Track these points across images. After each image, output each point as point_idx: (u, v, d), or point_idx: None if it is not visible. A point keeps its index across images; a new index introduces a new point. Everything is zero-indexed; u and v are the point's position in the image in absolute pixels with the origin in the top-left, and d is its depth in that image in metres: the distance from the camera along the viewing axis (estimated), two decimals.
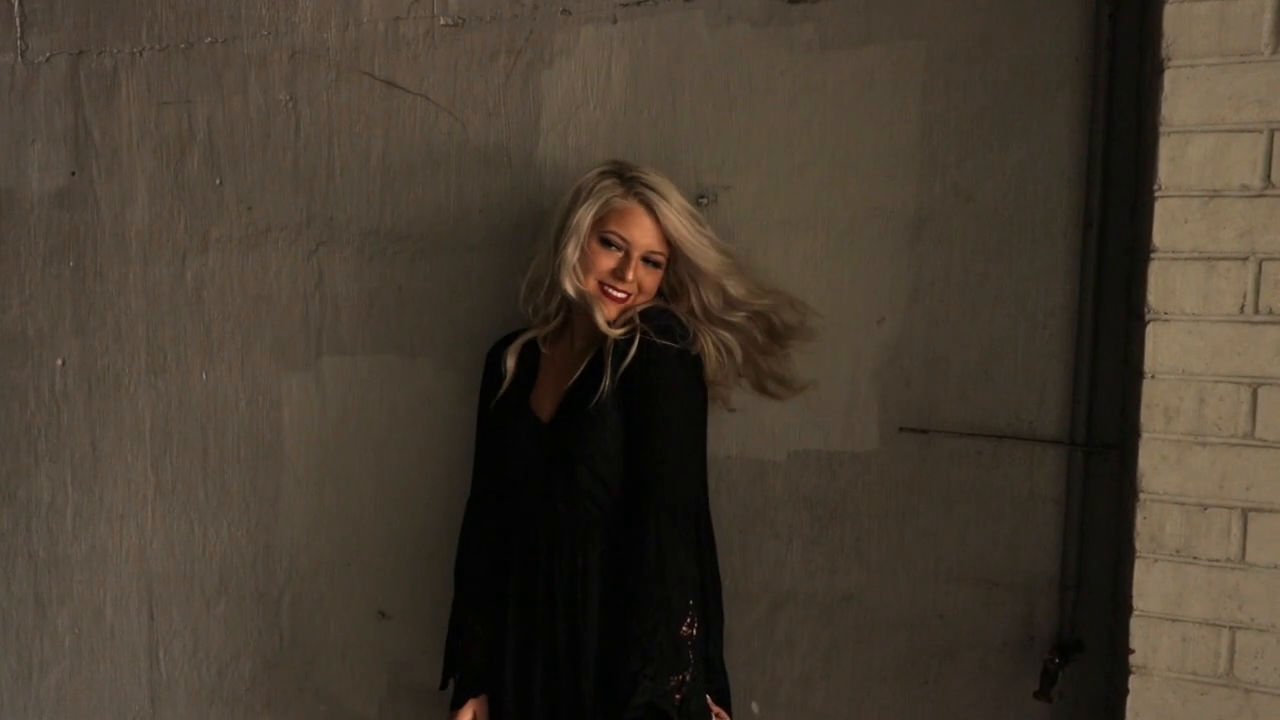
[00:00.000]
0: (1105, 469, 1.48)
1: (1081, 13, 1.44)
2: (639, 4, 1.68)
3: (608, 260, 1.43)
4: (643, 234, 1.43)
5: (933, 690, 1.60)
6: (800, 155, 1.61)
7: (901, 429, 1.58)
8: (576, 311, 1.49)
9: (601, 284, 1.43)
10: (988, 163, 1.51)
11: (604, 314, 1.42)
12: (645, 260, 1.45)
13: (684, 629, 1.33)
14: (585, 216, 1.42)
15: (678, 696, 1.31)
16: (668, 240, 1.44)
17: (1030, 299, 1.50)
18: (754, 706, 1.70)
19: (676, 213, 1.43)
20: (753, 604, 1.68)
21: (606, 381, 1.37)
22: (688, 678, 1.32)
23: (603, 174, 1.46)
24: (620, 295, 1.43)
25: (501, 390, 1.52)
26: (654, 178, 1.45)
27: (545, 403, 1.49)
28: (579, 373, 1.44)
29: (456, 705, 1.56)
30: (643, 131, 1.69)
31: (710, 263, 1.45)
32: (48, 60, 2.10)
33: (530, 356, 1.54)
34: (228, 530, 2.05)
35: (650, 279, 1.46)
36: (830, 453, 1.62)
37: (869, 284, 1.58)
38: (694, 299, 1.48)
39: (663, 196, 1.43)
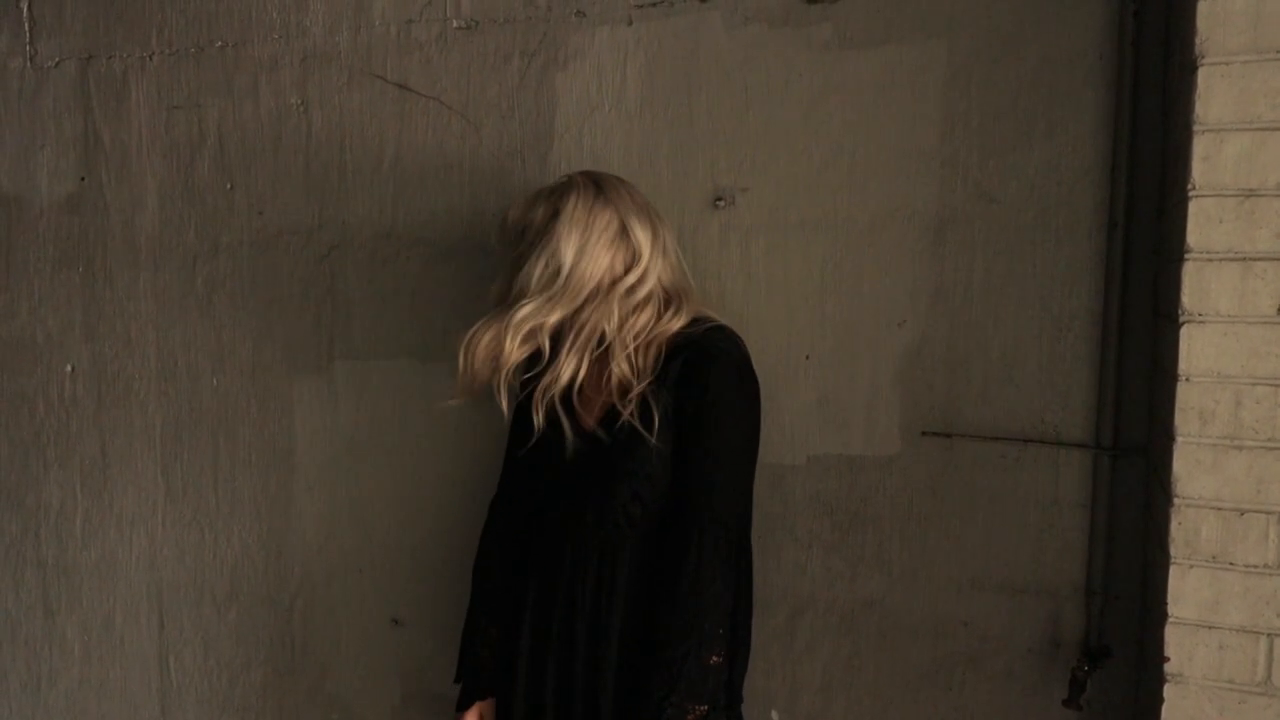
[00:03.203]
0: (1132, 473, 1.46)
1: (1105, 11, 1.43)
2: (654, 5, 1.67)
3: None
4: None
5: (956, 698, 1.57)
6: (819, 156, 1.59)
7: (923, 433, 1.56)
8: None
9: None
10: (1010, 163, 1.49)
11: None
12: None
13: (713, 659, 1.30)
14: None
15: None
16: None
17: (1054, 301, 1.48)
18: (774, 715, 1.68)
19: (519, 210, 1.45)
20: (772, 611, 1.66)
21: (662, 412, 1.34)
22: (708, 710, 1.29)
23: None
24: None
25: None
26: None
27: (588, 410, 1.44)
28: (636, 382, 1.38)
29: (463, 707, 1.54)
30: (659, 134, 1.67)
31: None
32: (57, 65, 2.09)
33: None
34: (239, 536, 2.04)
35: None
36: (851, 457, 1.60)
37: (890, 286, 1.57)
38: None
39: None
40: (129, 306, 2.07)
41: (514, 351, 1.38)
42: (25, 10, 2.10)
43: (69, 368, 2.14)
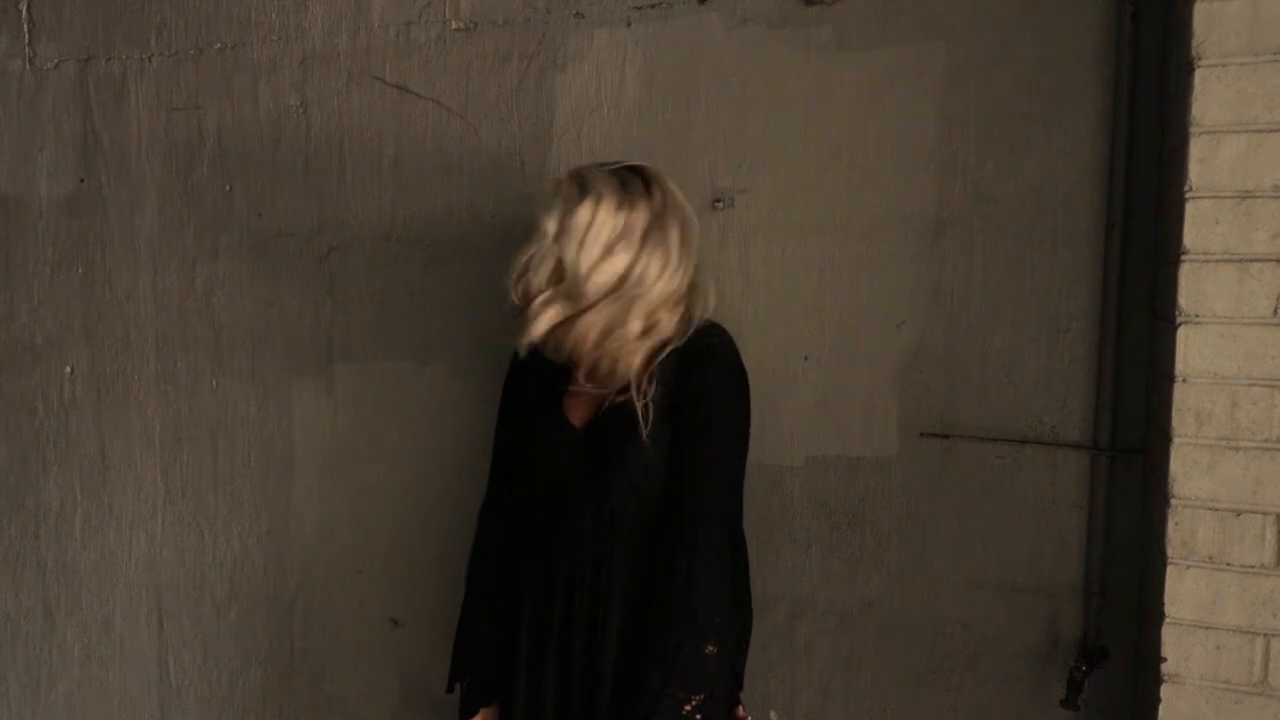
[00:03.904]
0: (1129, 474, 1.46)
1: (1103, 13, 1.43)
2: (653, 7, 1.67)
3: None
4: None
5: (955, 698, 1.58)
6: (817, 158, 1.59)
7: (922, 434, 1.56)
8: None
9: None
10: (1008, 165, 1.49)
11: None
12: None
13: (709, 648, 1.31)
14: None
15: (698, 717, 1.29)
16: None
17: (1052, 302, 1.49)
18: (772, 715, 1.68)
19: (565, 196, 1.36)
20: (771, 612, 1.66)
21: (649, 398, 1.35)
22: (705, 700, 1.30)
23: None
24: None
25: (533, 397, 1.49)
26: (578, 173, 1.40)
27: (578, 408, 1.45)
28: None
29: (467, 715, 1.54)
30: (657, 135, 1.68)
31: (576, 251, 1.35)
32: (56, 67, 2.09)
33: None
34: (238, 538, 2.04)
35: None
36: (849, 458, 1.61)
37: (888, 288, 1.57)
38: None
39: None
40: (128, 308, 2.08)
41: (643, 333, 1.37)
42: (24, 12, 2.11)
43: (68, 369, 2.14)
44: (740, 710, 1.42)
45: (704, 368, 1.36)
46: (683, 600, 1.31)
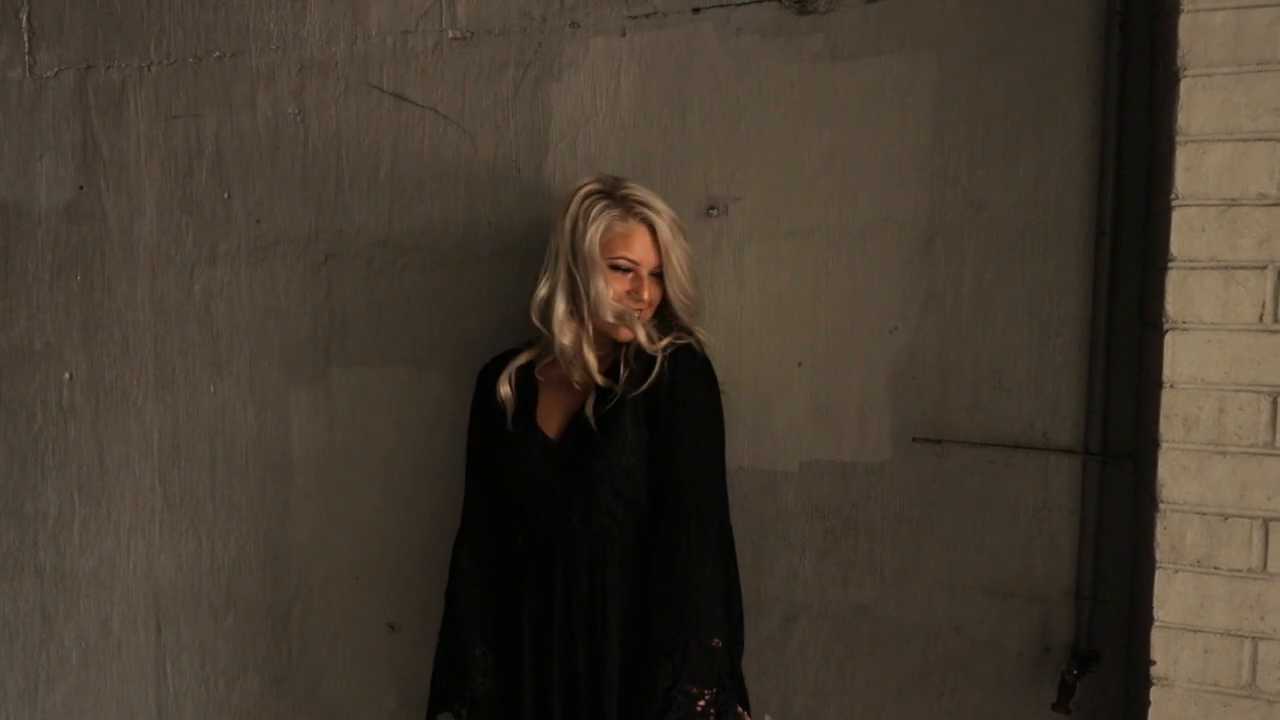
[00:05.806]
0: (1120, 478, 1.47)
1: (1092, 22, 1.45)
2: (647, 16, 1.69)
3: (621, 285, 1.42)
4: (647, 252, 1.42)
5: (948, 702, 1.59)
6: (810, 166, 1.61)
7: (914, 439, 1.57)
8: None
9: None
10: (999, 172, 1.51)
11: (623, 337, 1.43)
12: (651, 275, 1.44)
13: (714, 641, 1.32)
14: (594, 245, 1.39)
15: (713, 712, 1.30)
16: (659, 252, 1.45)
17: (1043, 308, 1.50)
18: (766, 719, 1.69)
19: (670, 227, 1.44)
20: (765, 616, 1.67)
21: (621, 391, 1.38)
22: (717, 693, 1.31)
23: (591, 196, 1.42)
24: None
25: (505, 415, 1.49)
26: (643, 192, 1.44)
27: (552, 421, 1.47)
28: (593, 390, 1.43)
29: None
30: (652, 143, 1.69)
31: (685, 274, 1.46)
32: (56, 75, 2.11)
33: (525, 377, 1.51)
34: (235, 543, 2.05)
35: (657, 292, 1.46)
36: (843, 463, 1.62)
37: (881, 293, 1.58)
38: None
39: (657, 212, 1.42)
40: (127, 314, 2.09)
41: None
42: (24, 20, 2.12)
43: (67, 375, 2.15)
44: (748, 717, 1.43)
45: (674, 367, 1.39)
46: (682, 597, 1.32)
